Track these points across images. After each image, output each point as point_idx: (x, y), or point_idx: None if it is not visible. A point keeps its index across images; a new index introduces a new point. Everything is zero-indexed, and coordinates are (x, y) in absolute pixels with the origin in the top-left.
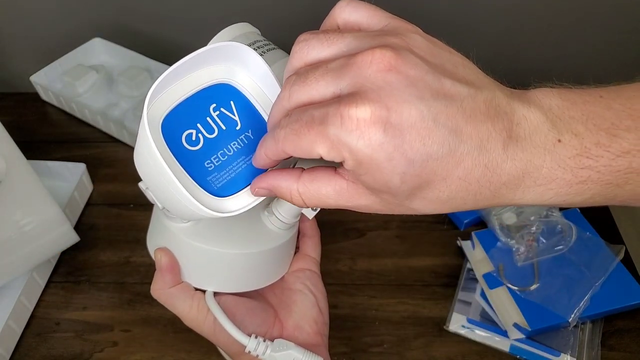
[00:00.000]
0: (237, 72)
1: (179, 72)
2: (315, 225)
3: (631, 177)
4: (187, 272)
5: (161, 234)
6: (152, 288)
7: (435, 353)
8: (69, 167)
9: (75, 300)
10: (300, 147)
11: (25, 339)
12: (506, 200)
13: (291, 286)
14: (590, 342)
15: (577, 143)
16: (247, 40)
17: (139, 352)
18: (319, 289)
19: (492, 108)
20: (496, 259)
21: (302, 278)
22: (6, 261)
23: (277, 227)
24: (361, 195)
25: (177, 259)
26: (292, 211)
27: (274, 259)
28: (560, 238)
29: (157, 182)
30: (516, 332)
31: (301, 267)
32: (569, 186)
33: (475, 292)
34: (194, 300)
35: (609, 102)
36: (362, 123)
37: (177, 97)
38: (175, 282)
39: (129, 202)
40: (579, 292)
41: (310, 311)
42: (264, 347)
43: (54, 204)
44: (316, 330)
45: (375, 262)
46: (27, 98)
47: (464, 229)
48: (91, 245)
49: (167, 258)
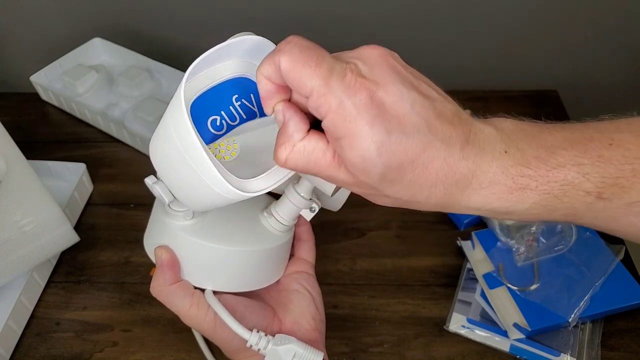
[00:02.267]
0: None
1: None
2: (310, 229)
3: (568, 189)
4: (187, 271)
5: (161, 233)
6: (152, 285)
7: (435, 353)
8: (69, 167)
9: (75, 300)
10: (298, 72)
11: (25, 339)
12: (454, 202)
13: (287, 287)
14: (590, 342)
15: (519, 155)
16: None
17: (139, 352)
18: (315, 289)
19: (457, 117)
20: (496, 259)
21: (298, 279)
22: (6, 261)
23: (276, 228)
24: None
25: (178, 257)
26: (290, 213)
27: (272, 260)
28: (560, 238)
29: (177, 166)
30: (516, 332)
31: (297, 269)
32: (510, 192)
33: (475, 292)
34: (194, 297)
35: (552, 132)
36: (359, 84)
37: (203, 86)
38: (175, 279)
39: (129, 202)
40: (579, 292)
41: (307, 309)
42: (265, 341)
43: (54, 204)
44: (314, 327)
45: (375, 262)
46: (27, 98)
47: (464, 229)
48: (91, 245)
49: (167, 255)
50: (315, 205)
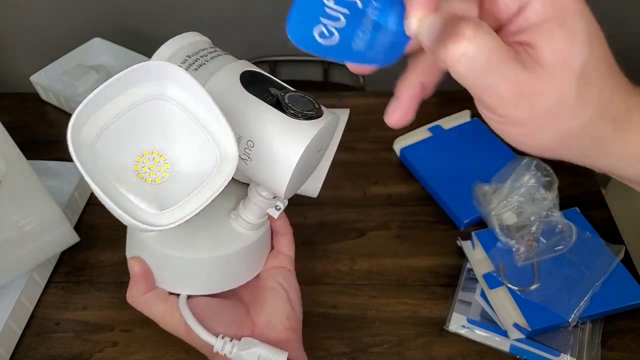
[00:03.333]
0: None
1: (107, 94)
2: (287, 223)
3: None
4: (160, 278)
5: (134, 242)
6: (127, 295)
7: (435, 353)
8: (69, 167)
9: (75, 300)
10: None
11: (25, 339)
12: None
13: (264, 284)
14: (590, 342)
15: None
16: (193, 50)
17: (139, 352)
18: (292, 286)
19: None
20: (496, 259)
21: (275, 275)
22: (6, 261)
23: (245, 228)
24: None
25: (150, 266)
26: (257, 212)
27: (244, 260)
28: (560, 238)
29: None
30: (516, 332)
31: (275, 264)
32: None
33: (475, 292)
34: (167, 304)
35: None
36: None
37: (109, 118)
38: (149, 288)
39: None
40: (579, 292)
41: (281, 308)
42: (230, 347)
43: (54, 204)
44: (288, 327)
45: (375, 262)
46: (27, 98)
47: (464, 229)
48: (91, 245)
49: (139, 266)
50: (280, 204)
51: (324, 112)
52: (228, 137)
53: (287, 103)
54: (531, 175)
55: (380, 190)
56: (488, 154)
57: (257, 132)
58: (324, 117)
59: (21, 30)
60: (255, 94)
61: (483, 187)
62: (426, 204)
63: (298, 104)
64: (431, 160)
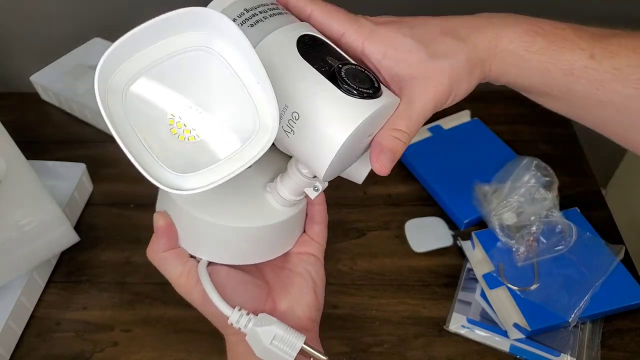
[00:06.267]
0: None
1: (146, 37)
2: (323, 210)
3: (566, 44)
4: (182, 238)
5: (163, 198)
6: (147, 249)
7: (435, 353)
8: (69, 167)
9: (76, 300)
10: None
11: (25, 339)
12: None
13: (293, 268)
14: (590, 342)
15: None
16: (253, 3)
17: (139, 352)
18: (319, 275)
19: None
20: (496, 259)
21: (305, 262)
22: (6, 261)
23: (279, 203)
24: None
25: (175, 224)
26: (294, 189)
27: (272, 236)
28: (560, 238)
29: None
30: (516, 332)
31: (306, 250)
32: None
33: (475, 292)
34: (185, 267)
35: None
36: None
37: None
38: (170, 246)
39: (129, 202)
40: (579, 292)
41: (306, 296)
42: (246, 320)
43: (54, 204)
44: (309, 316)
45: (375, 262)
46: (27, 98)
47: (464, 229)
48: (91, 245)
49: (163, 222)
50: (319, 185)
51: (383, 93)
52: (271, 106)
53: (344, 76)
54: (531, 175)
55: (380, 190)
56: (488, 154)
57: (304, 104)
58: (381, 99)
59: (21, 30)
60: (311, 61)
61: (483, 187)
62: (426, 204)
63: (355, 80)
64: (431, 160)
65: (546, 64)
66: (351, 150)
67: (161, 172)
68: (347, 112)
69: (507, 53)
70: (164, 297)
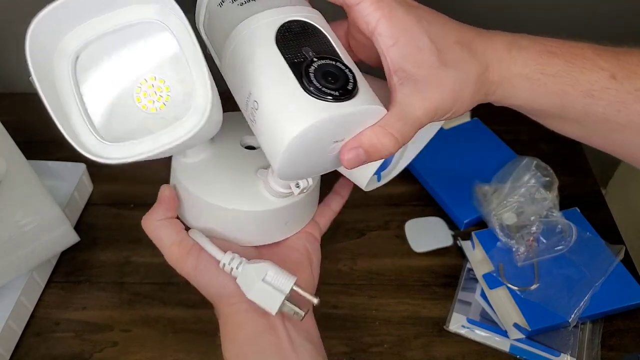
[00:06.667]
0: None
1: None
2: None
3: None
4: (182, 208)
5: (172, 173)
6: (143, 217)
7: (435, 353)
8: (69, 167)
9: (75, 300)
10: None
11: (25, 339)
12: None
13: (289, 243)
14: (590, 342)
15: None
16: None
17: (139, 352)
18: (315, 252)
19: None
20: (496, 259)
21: (303, 239)
22: (6, 261)
23: (267, 191)
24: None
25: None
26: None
27: (259, 223)
28: (560, 238)
29: None
30: (516, 332)
31: (306, 230)
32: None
33: (475, 292)
34: (179, 235)
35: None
36: None
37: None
38: (168, 215)
39: (129, 202)
40: (579, 292)
41: (302, 272)
42: (238, 262)
43: (54, 204)
44: None
45: (375, 262)
46: (27, 98)
47: (464, 229)
48: (91, 245)
49: (167, 192)
50: (300, 182)
51: (357, 98)
52: (204, 88)
53: (310, 72)
54: (531, 175)
55: (380, 190)
56: (488, 154)
57: (263, 94)
58: (349, 104)
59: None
60: (284, 50)
61: (483, 187)
62: (426, 204)
63: (324, 79)
64: (431, 160)
65: (564, 86)
66: (313, 152)
67: (87, 137)
68: (301, 112)
69: (520, 78)
70: (164, 297)
